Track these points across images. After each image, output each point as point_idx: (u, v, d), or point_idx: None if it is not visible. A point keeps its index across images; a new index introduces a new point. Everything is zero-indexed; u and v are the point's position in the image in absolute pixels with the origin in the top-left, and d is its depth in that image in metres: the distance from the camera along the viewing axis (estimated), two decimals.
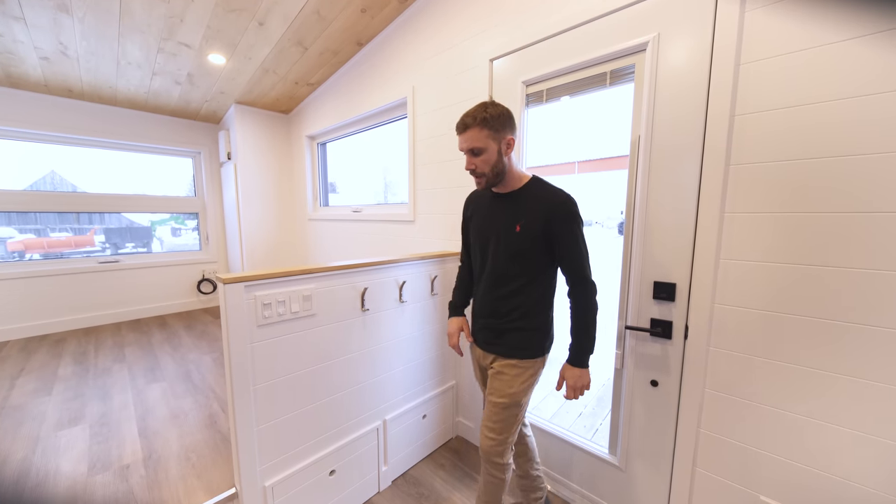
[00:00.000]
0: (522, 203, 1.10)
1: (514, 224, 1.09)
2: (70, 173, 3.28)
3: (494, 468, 1.16)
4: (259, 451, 1.19)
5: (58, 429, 1.62)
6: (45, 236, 3.22)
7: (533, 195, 1.09)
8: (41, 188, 3.13)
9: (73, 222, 3.34)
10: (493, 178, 1.08)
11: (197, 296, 3.91)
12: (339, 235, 3.00)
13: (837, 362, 0.93)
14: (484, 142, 1.03)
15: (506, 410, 1.14)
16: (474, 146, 1.04)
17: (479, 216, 1.23)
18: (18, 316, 2.98)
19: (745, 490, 1.09)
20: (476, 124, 1.03)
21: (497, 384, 1.15)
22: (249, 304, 1.12)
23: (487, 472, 1.17)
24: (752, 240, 1.03)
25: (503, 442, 1.14)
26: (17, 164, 2.99)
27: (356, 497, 1.50)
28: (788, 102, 0.95)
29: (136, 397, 1.91)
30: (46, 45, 2.26)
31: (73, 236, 3.35)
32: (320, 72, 2.75)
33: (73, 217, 3.33)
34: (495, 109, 1.04)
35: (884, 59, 0.83)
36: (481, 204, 1.22)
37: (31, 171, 3.09)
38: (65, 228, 3.32)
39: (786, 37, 0.95)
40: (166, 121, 3.57)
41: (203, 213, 3.98)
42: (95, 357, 2.51)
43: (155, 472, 1.32)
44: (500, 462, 1.15)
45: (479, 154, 1.05)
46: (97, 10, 1.93)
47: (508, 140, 1.06)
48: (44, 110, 2.95)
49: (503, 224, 1.12)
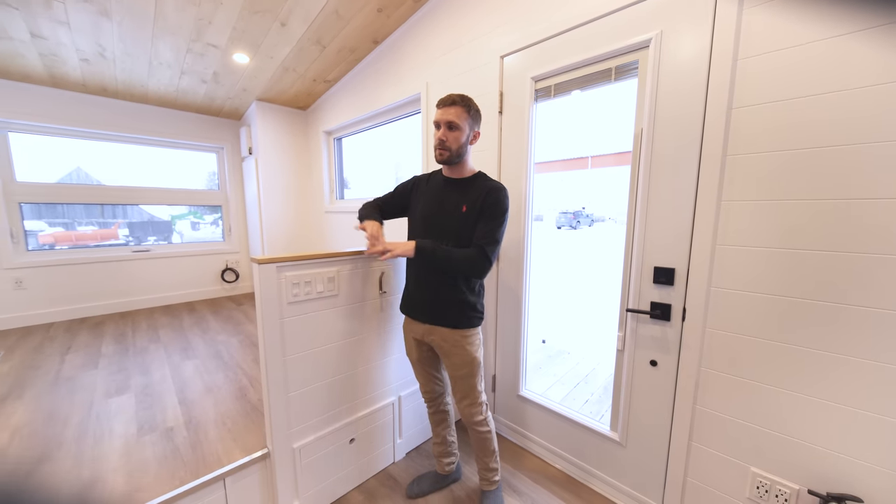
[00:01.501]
0: (470, 189, 1.24)
1: (461, 205, 1.22)
2: (95, 169, 3.48)
3: (479, 426, 1.34)
4: (288, 416, 1.32)
5: (107, 397, 1.81)
6: (73, 230, 3.45)
7: (478, 184, 1.24)
8: (67, 182, 3.35)
9: (98, 216, 3.56)
10: (454, 156, 1.21)
11: (221, 284, 4.12)
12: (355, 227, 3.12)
13: (829, 342, 0.99)
14: (462, 121, 1.18)
15: (468, 377, 1.29)
16: (453, 121, 1.17)
17: (428, 195, 1.33)
18: (63, 300, 3.23)
19: (737, 462, 1.17)
20: (461, 105, 1.18)
21: (454, 358, 1.29)
22: (280, 283, 1.25)
23: (474, 431, 1.36)
24: (748, 226, 1.09)
25: (473, 403, 1.32)
26: (48, 160, 3.20)
27: (373, 465, 1.63)
28: (783, 96, 1.01)
29: (172, 372, 2.09)
30: (86, 48, 2.43)
31: (98, 230, 3.58)
32: (337, 69, 2.85)
33: (98, 211, 3.54)
34: (476, 105, 1.22)
35: (875, 54, 0.88)
36: (433, 186, 1.34)
37: (60, 166, 3.30)
38: (91, 222, 3.53)
39: (781, 33, 1.00)
40: (192, 117, 3.75)
41: (226, 205, 4.18)
42: (133, 338, 2.72)
43: (196, 433, 1.47)
44: (481, 419, 1.34)
45: (454, 129, 1.18)
46: (134, 13, 2.07)
47: (476, 132, 1.24)
48: (81, 108, 3.16)
49: (453, 204, 1.24)
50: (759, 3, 1.03)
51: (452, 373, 1.32)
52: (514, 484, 1.56)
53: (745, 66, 1.06)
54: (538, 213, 16.15)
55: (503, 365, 1.87)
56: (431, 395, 1.48)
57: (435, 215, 1.28)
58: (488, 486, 1.42)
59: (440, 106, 1.19)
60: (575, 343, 3.30)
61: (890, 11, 0.86)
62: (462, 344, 1.27)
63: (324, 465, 1.44)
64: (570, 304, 4.94)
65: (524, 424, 1.81)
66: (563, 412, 1.65)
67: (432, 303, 1.28)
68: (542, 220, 16.92)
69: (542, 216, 17.43)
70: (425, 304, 1.30)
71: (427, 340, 1.34)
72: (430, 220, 1.29)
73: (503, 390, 1.89)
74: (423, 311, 1.31)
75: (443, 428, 1.52)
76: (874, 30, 0.87)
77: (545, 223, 16.59)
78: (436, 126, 1.20)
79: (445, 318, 1.27)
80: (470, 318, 1.27)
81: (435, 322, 1.29)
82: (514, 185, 1.69)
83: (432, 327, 1.30)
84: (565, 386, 2.44)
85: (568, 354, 3.02)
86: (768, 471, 1.11)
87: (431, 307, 1.28)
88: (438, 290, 1.26)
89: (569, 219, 15.93)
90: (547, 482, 1.58)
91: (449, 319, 1.26)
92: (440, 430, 1.52)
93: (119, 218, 3.69)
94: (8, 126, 2.95)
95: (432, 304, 1.28)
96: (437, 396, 1.48)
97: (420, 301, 1.32)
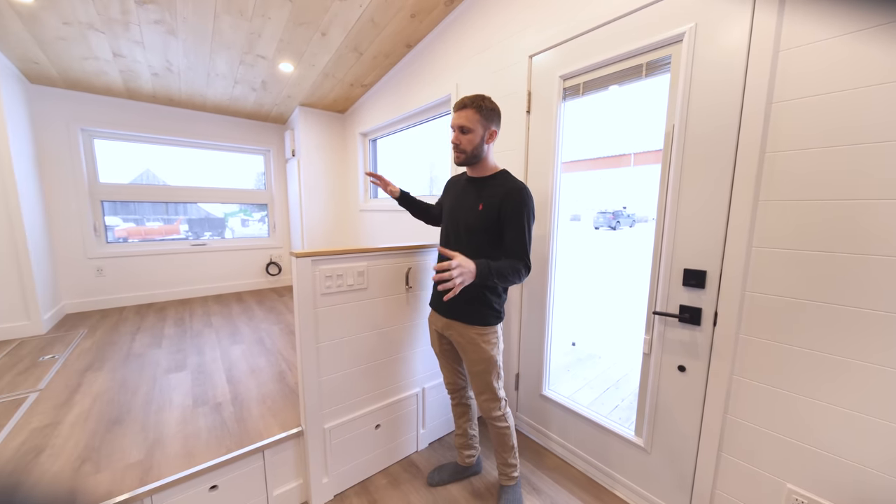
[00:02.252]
0: (489, 187, 1.25)
1: (478, 203, 1.24)
2: (162, 170, 3.91)
3: (498, 421, 1.36)
4: (320, 399, 1.43)
5: (168, 372, 2.04)
6: (142, 225, 3.89)
7: (498, 183, 1.25)
8: (139, 183, 3.79)
9: (163, 213, 3.99)
10: (471, 157, 1.24)
11: (265, 276, 4.45)
12: (386, 224, 3.25)
13: (871, 353, 0.91)
14: (473, 124, 1.19)
15: (484, 374, 1.31)
16: (464, 125, 1.19)
17: (451, 195, 1.39)
18: (133, 287, 3.66)
19: (771, 477, 1.10)
20: (472, 107, 1.19)
21: (470, 353, 1.32)
22: (315, 275, 1.35)
23: (494, 426, 1.38)
24: (787, 228, 1.03)
25: (491, 399, 1.34)
26: (123, 163, 3.64)
27: (397, 452, 1.71)
28: (829, 88, 0.94)
29: (222, 354, 2.31)
30: (156, 63, 2.73)
31: (163, 225, 4.02)
32: (373, 73, 2.98)
33: (163, 209, 3.98)
34: (490, 103, 1.22)
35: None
36: (457, 186, 1.39)
37: (133, 168, 3.74)
38: (157, 218, 3.97)
39: (826, 21, 0.93)
40: (243, 123, 4.08)
41: (272, 204, 4.49)
42: (190, 322, 3.02)
43: (240, 409, 1.63)
44: (499, 414, 1.36)
45: (466, 133, 1.20)
46: (196, 32, 2.31)
47: (492, 131, 1.23)
48: (151, 116, 3.56)
49: (471, 202, 1.27)
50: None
51: (470, 368, 1.35)
52: (533, 482, 1.57)
53: (787, 57, 1.00)
54: (575, 213, 15.44)
55: (527, 364, 1.88)
56: (454, 387, 1.53)
57: (455, 211, 1.33)
58: (507, 480, 1.45)
59: (454, 110, 1.24)
60: (607, 347, 3.20)
61: None
62: (478, 341, 1.29)
63: (351, 447, 1.54)
64: (603, 308, 4.77)
65: (546, 424, 1.81)
66: (586, 414, 1.63)
67: (457, 299, 1.28)
68: (580, 220, 16.33)
69: (579, 216, 16.83)
70: (450, 300, 1.31)
71: (446, 335, 1.39)
72: (451, 216, 1.35)
73: (526, 389, 1.90)
74: (444, 305, 1.34)
75: (464, 421, 1.56)
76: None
77: (582, 223, 16.01)
78: (452, 130, 1.25)
79: (463, 314, 1.30)
80: (486, 317, 1.29)
81: (453, 317, 1.32)
82: (541, 184, 1.69)
83: (451, 322, 1.34)
84: (594, 390, 2.39)
85: (599, 358, 2.94)
86: (807, 489, 1.04)
87: (451, 302, 1.30)
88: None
89: (607, 219, 15.24)
90: (567, 482, 1.57)
91: (466, 316, 1.29)
92: (462, 423, 1.56)
93: (180, 215, 4.11)
94: (94, 134, 3.40)
95: (452, 299, 1.29)
96: (459, 389, 1.53)
97: (442, 295, 1.36)
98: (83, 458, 1.32)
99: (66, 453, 1.35)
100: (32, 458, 1.32)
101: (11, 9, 2.02)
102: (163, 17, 2.14)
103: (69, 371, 2.07)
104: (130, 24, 2.19)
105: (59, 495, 1.09)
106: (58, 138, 3.18)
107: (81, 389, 1.85)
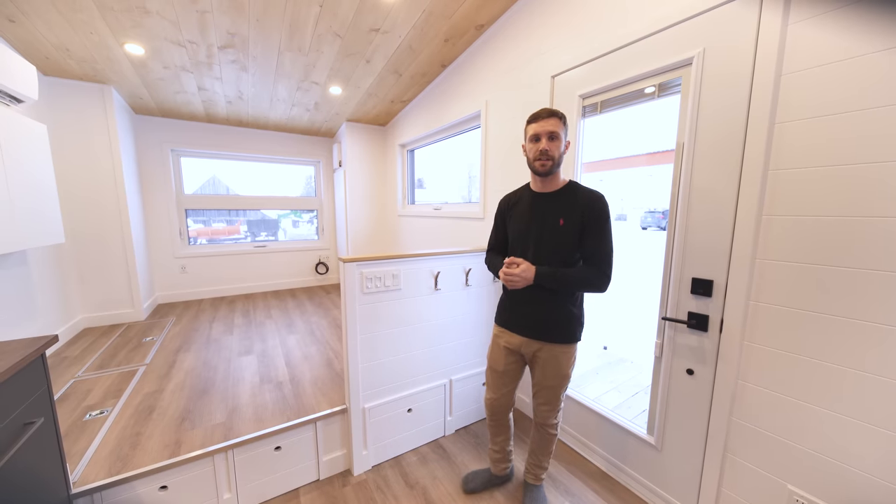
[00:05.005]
0: (564, 201, 1.25)
1: (558, 218, 1.24)
2: (226, 178, 4.52)
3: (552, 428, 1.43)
4: (361, 382, 1.68)
5: (239, 355, 2.44)
6: (209, 226, 4.51)
7: (574, 194, 1.25)
8: (207, 191, 4.41)
9: (226, 215, 4.60)
10: (556, 165, 1.23)
11: (315, 275, 4.92)
12: (423, 229, 3.49)
13: (869, 361, 0.96)
14: (560, 131, 1.21)
15: (557, 389, 1.35)
16: (554, 131, 1.19)
17: (519, 212, 1.36)
18: (208, 282, 4.27)
19: (773, 478, 1.15)
20: (558, 116, 1.21)
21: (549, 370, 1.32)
22: (357, 277, 1.61)
23: (546, 432, 1.43)
24: (788, 242, 1.08)
25: (553, 409, 1.39)
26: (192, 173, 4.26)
27: (427, 434, 1.92)
28: (829, 111, 1.00)
29: (281, 342, 2.68)
30: (231, 93, 3.21)
31: (226, 226, 4.62)
32: (410, 91, 3.24)
33: (226, 211, 4.59)
34: (565, 116, 1.25)
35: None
36: (521, 203, 1.36)
37: (199, 176, 4.36)
38: (220, 220, 4.58)
39: (826, 48, 0.99)
40: (298, 138, 4.57)
41: (321, 209, 4.96)
42: (254, 314, 3.49)
43: (297, 388, 1.94)
44: (555, 422, 1.42)
45: (554, 139, 1.20)
46: (263, 67, 2.71)
47: (568, 142, 1.26)
48: (224, 136, 4.14)
49: (548, 219, 1.26)
50: (803, 18, 1.03)
51: (542, 382, 1.34)
52: (550, 472, 1.70)
53: (788, 81, 1.06)
54: (620, 213, 14.51)
55: None
56: (497, 406, 1.48)
57: (530, 231, 1.29)
58: (535, 480, 1.50)
59: (537, 119, 1.22)
60: (640, 353, 3.18)
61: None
62: (560, 359, 1.30)
63: (387, 426, 1.77)
64: (638, 313, 4.64)
65: (565, 419, 1.92)
66: (601, 411, 1.73)
67: (546, 320, 1.28)
68: (626, 220, 15.55)
69: (625, 215, 16.02)
70: (537, 321, 1.30)
71: (523, 351, 1.36)
72: (525, 237, 1.31)
73: None
74: (529, 325, 1.31)
75: (503, 439, 1.55)
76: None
77: (629, 223, 15.22)
78: (534, 139, 1.22)
79: (553, 334, 1.29)
80: (574, 332, 1.29)
81: (543, 338, 1.30)
82: None
83: (530, 341, 1.32)
84: (622, 394, 2.42)
85: (630, 364, 2.94)
86: (807, 490, 1.08)
87: (545, 323, 1.29)
88: (549, 306, 1.28)
89: (657, 218, 14.35)
90: (582, 475, 1.68)
91: (557, 335, 1.29)
92: (500, 440, 1.55)
93: (240, 216, 4.71)
94: (181, 153, 4.03)
95: (546, 320, 1.28)
96: (502, 409, 1.49)
97: (527, 315, 1.32)
98: (182, 418, 1.69)
99: (170, 413, 1.73)
100: (147, 416, 1.71)
101: (127, 59, 2.53)
102: (238, 57, 2.55)
103: (166, 350, 2.55)
104: (213, 64, 2.63)
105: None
106: (154, 158, 3.83)
107: (176, 365, 2.29)
